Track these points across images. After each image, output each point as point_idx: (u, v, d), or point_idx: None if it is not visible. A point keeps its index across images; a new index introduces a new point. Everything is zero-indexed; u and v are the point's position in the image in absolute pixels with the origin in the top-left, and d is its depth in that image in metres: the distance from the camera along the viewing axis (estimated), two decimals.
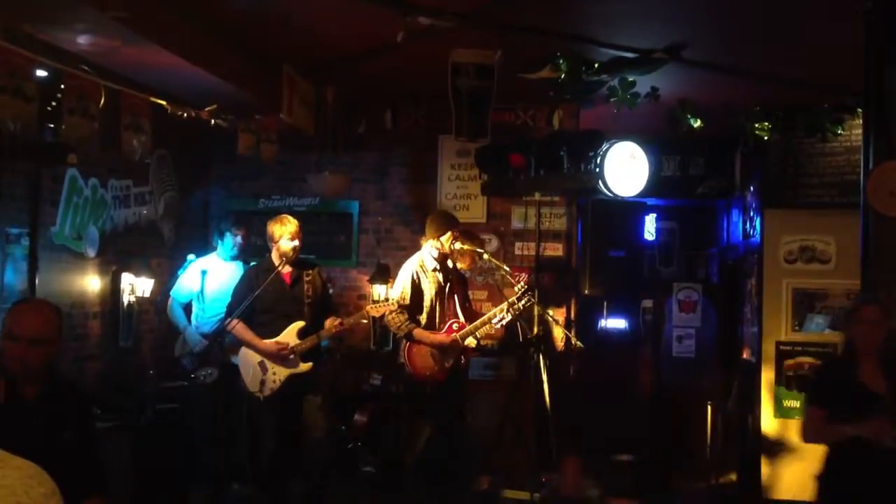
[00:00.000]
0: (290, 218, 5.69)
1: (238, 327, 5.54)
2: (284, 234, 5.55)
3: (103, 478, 3.48)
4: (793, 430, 6.66)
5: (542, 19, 5.03)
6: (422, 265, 5.89)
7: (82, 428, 3.34)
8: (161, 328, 6.74)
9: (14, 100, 3.81)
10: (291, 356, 5.53)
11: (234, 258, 6.38)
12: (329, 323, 5.60)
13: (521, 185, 6.61)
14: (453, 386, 5.89)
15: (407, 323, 5.78)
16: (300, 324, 5.57)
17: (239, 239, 6.35)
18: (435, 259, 5.89)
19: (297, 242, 5.58)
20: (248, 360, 5.62)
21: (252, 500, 6.03)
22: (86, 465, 3.30)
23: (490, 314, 5.93)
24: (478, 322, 5.91)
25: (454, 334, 5.83)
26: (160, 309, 6.60)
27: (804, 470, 6.52)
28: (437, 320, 5.86)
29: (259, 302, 5.52)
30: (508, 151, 6.25)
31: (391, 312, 5.82)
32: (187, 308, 6.41)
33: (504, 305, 5.89)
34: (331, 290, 6.45)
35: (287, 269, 5.64)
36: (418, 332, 5.80)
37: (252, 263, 6.10)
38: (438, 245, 5.86)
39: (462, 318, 5.94)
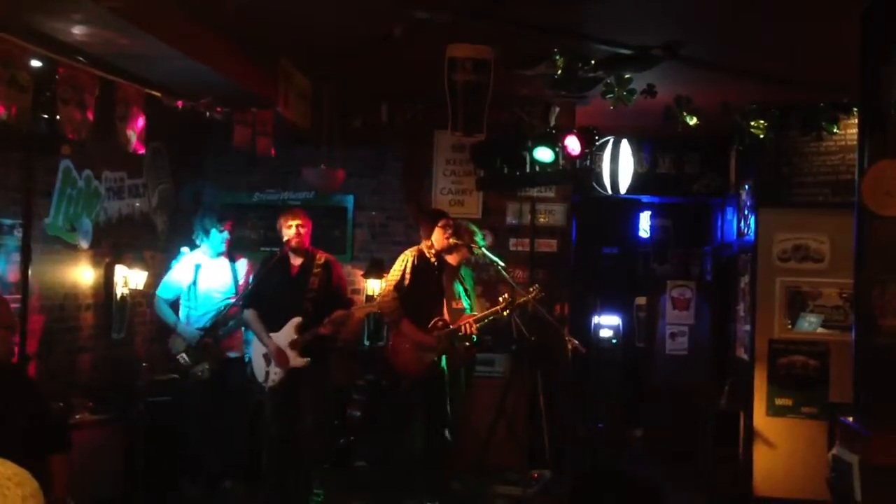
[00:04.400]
0: (297, 211, 5.84)
1: (250, 315, 5.75)
2: (283, 224, 5.71)
3: (64, 436, 3.54)
4: (785, 428, 6.68)
5: (539, 15, 5.02)
6: (421, 257, 5.90)
7: (34, 410, 3.33)
8: (154, 321, 6.71)
9: (8, 89, 3.79)
10: (289, 360, 5.58)
11: (220, 254, 6.30)
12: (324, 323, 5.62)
13: (516, 180, 6.60)
14: (434, 383, 5.85)
15: (399, 311, 5.79)
16: (298, 319, 5.62)
17: (226, 234, 6.24)
18: (432, 254, 5.92)
19: (293, 232, 5.65)
20: (257, 350, 5.76)
21: (243, 497, 6.01)
22: (46, 433, 3.32)
23: (475, 318, 5.90)
24: (462, 324, 5.88)
25: (438, 333, 5.81)
26: (153, 302, 6.57)
27: (796, 468, 6.57)
28: (427, 315, 5.85)
29: (266, 291, 5.68)
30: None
31: (385, 297, 5.84)
32: (174, 306, 6.31)
33: (488, 313, 5.89)
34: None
35: (297, 261, 5.69)
36: (406, 325, 5.80)
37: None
38: (430, 244, 5.93)
39: (447, 317, 5.93)
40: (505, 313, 5.86)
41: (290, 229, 5.66)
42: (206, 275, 6.25)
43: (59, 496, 3.33)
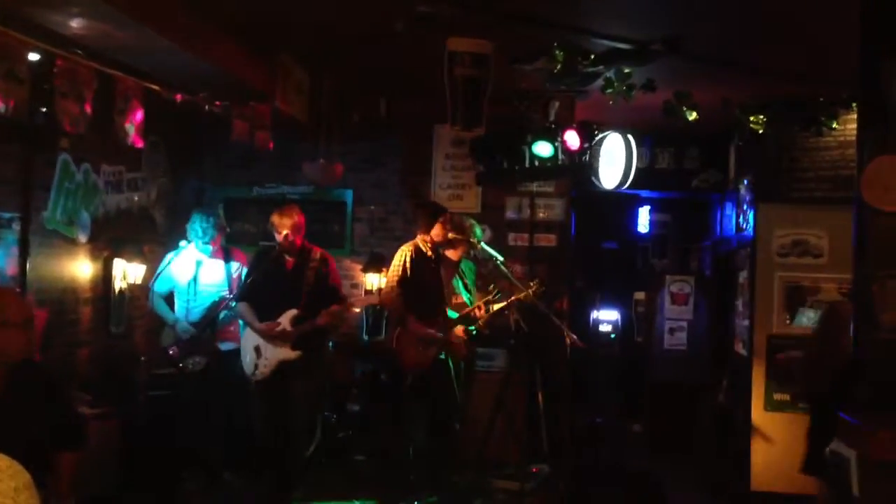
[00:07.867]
0: (293, 212, 5.67)
1: (242, 307, 5.70)
2: (277, 223, 5.60)
3: (79, 436, 3.50)
4: (783, 423, 6.69)
5: (539, 9, 5.01)
6: (418, 251, 5.88)
7: (51, 410, 3.30)
8: (153, 314, 6.70)
9: (6, 82, 3.78)
10: (283, 341, 5.55)
11: (211, 254, 6.24)
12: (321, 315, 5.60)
13: (515, 175, 6.59)
14: (438, 376, 5.85)
15: (403, 307, 5.77)
16: (294, 311, 5.59)
17: (209, 249, 6.09)
18: (429, 247, 5.89)
19: (287, 234, 5.57)
20: (247, 342, 5.71)
21: (243, 489, 6.02)
22: (61, 432, 3.30)
23: (469, 310, 5.88)
24: (461, 316, 5.87)
25: (443, 323, 5.80)
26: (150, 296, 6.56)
27: (794, 463, 6.57)
28: (430, 308, 5.84)
29: (260, 285, 5.61)
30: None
31: (390, 293, 5.82)
32: (168, 300, 6.26)
33: (481, 304, 5.88)
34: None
35: (292, 257, 5.68)
36: (413, 323, 5.78)
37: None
38: (427, 238, 5.89)
39: (447, 310, 5.92)
40: (522, 295, 5.81)
41: (283, 232, 5.59)
42: (205, 271, 6.24)
43: (64, 493, 3.32)
